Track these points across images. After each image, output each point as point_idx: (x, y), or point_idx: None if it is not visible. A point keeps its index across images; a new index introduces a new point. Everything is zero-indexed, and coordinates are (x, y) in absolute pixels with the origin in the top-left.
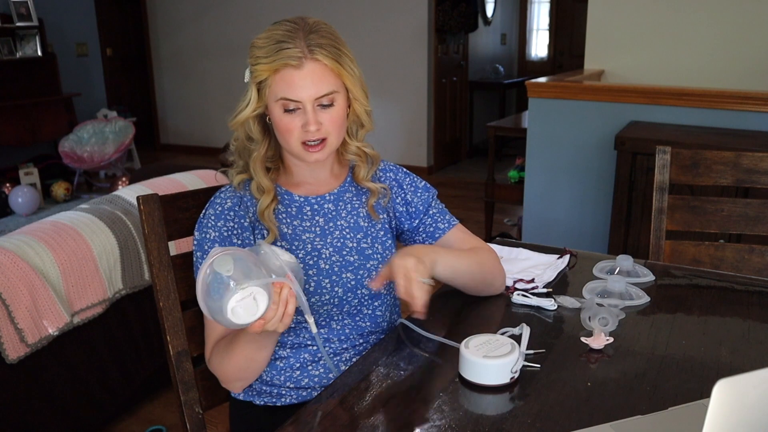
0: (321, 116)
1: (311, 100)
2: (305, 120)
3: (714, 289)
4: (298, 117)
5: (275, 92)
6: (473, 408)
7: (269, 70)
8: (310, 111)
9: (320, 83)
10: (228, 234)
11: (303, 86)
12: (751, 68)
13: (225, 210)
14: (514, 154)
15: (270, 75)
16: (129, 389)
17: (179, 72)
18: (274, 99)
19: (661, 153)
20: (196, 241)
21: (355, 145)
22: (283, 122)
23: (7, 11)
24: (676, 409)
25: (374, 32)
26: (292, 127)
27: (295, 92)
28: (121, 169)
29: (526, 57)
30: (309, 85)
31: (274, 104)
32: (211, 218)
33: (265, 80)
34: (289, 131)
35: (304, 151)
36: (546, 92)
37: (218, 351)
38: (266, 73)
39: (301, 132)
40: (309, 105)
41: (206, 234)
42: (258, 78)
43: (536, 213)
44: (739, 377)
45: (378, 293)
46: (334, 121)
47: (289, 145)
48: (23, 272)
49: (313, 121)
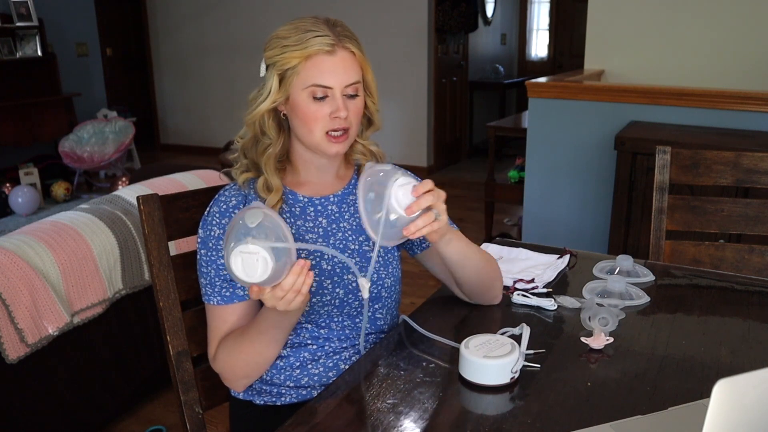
0: (347, 105)
1: (341, 87)
2: (334, 107)
3: (714, 289)
4: (326, 105)
5: (305, 79)
6: (473, 408)
7: (300, 56)
8: (339, 98)
9: (350, 71)
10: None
11: (335, 72)
12: (751, 68)
13: (230, 208)
14: (514, 154)
15: (300, 62)
16: (129, 389)
17: (179, 72)
18: (302, 86)
19: (661, 153)
20: (200, 239)
21: (362, 144)
22: (310, 110)
23: (7, 11)
24: (676, 409)
25: (374, 32)
26: (319, 116)
27: (327, 78)
28: (121, 169)
29: (526, 57)
30: (341, 71)
31: (301, 92)
32: (216, 216)
33: (293, 68)
34: (315, 120)
35: (327, 141)
36: (546, 92)
37: (225, 347)
38: (296, 59)
39: (328, 120)
40: (339, 92)
41: (210, 231)
42: (285, 65)
43: (536, 213)
44: (739, 377)
45: (378, 296)
46: (357, 111)
47: (312, 135)
48: (23, 272)
49: (343, 108)
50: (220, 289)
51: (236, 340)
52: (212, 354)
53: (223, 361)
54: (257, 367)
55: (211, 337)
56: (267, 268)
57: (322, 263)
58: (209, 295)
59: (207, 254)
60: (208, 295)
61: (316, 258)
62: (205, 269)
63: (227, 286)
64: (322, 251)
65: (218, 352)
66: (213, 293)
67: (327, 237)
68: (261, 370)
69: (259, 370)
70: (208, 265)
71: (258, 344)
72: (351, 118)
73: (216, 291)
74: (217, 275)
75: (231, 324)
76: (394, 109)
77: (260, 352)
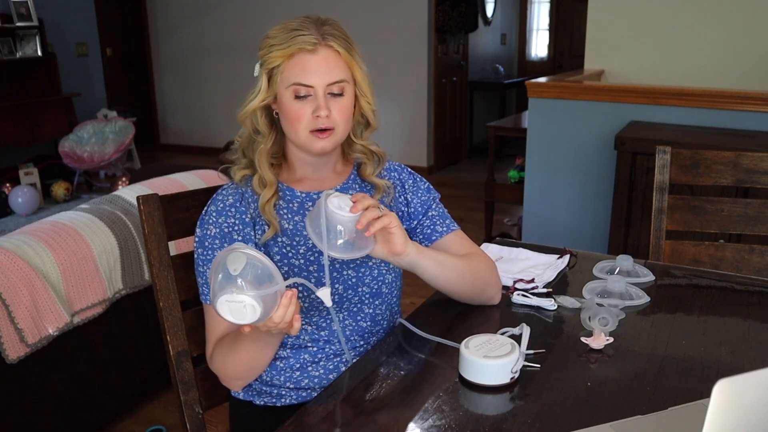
0: (331, 104)
1: (323, 86)
2: (316, 105)
3: (714, 289)
4: (308, 104)
5: (287, 78)
6: (473, 408)
7: (283, 55)
8: (321, 97)
9: (333, 70)
10: (229, 230)
11: (316, 71)
12: (751, 68)
13: (227, 206)
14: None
15: (284, 61)
16: (129, 389)
17: (179, 72)
18: (285, 85)
19: (661, 153)
20: (197, 238)
21: (361, 144)
22: (293, 109)
23: (7, 11)
24: (676, 409)
25: (374, 32)
26: (301, 114)
27: (308, 77)
28: (121, 169)
29: (526, 57)
30: (322, 70)
31: (285, 91)
32: (213, 215)
33: (277, 66)
34: (298, 118)
35: (312, 138)
36: (546, 92)
37: (221, 349)
38: (280, 59)
39: (311, 120)
40: (320, 91)
41: (207, 230)
42: (271, 65)
43: (536, 213)
44: (739, 377)
45: (379, 291)
46: (343, 111)
47: (297, 134)
48: (23, 272)
49: (324, 107)
50: None
51: (231, 344)
52: (209, 354)
53: (218, 363)
54: (252, 370)
55: (208, 337)
56: (255, 313)
57: (320, 258)
58: (206, 295)
59: (204, 253)
60: (204, 295)
61: (315, 253)
62: (202, 268)
63: None
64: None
65: (214, 354)
66: (208, 292)
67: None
68: (256, 373)
69: (254, 373)
70: (204, 264)
71: (252, 349)
72: (335, 118)
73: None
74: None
75: (226, 325)
76: (394, 109)
77: (254, 356)
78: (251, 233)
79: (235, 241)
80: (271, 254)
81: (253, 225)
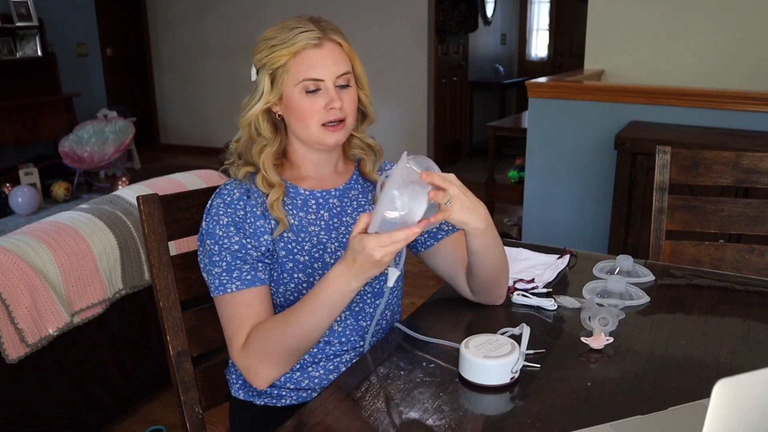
0: (341, 95)
1: (332, 79)
2: (328, 98)
3: (714, 289)
4: (320, 97)
5: (296, 75)
6: (473, 408)
7: (288, 54)
8: (332, 89)
9: (339, 62)
10: (240, 221)
11: (325, 65)
12: (751, 68)
13: (234, 200)
14: (514, 154)
15: (289, 59)
16: (129, 389)
17: (179, 72)
18: (294, 83)
19: (661, 153)
20: (204, 231)
21: (359, 137)
22: (304, 105)
23: (7, 11)
24: (676, 409)
25: (374, 32)
26: (314, 109)
27: (317, 71)
28: (121, 169)
29: (526, 57)
30: (330, 63)
31: (294, 89)
32: (221, 206)
33: (282, 65)
34: (311, 114)
35: (325, 132)
36: (546, 92)
37: (260, 334)
38: (285, 57)
39: (323, 113)
40: (330, 83)
41: (219, 219)
42: (275, 65)
43: (536, 213)
44: (739, 377)
45: (380, 291)
46: (352, 101)
47: (308, 129)
48: (23, 272)
49: (336, 98)
50: (239, 273)
51: (276, 325)
52: (240, 344)
53: (256, 351)
54: (298, 352)
55: (236, 328)
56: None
57: (324, 256)
58: (225, 284)
59: (219, 241)
60: (223, 285)
61: (319, 250)
62: (218, 257)
63: (248, 268)
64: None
65: (250, 341)
66: (231, 280)
67: (329, 230)
68: (298, 356)
69: (296, 356)
70: (220, 252)
71: (306, 325)
72: (346, 108)
73: (234, 277)
74: (235, 259)
75: (256, 309)
76: (394, 108)
77: (308, 334)
78: (264, 225)
79: (248, 232)
80: (277, 250)
81: (264, 218)
